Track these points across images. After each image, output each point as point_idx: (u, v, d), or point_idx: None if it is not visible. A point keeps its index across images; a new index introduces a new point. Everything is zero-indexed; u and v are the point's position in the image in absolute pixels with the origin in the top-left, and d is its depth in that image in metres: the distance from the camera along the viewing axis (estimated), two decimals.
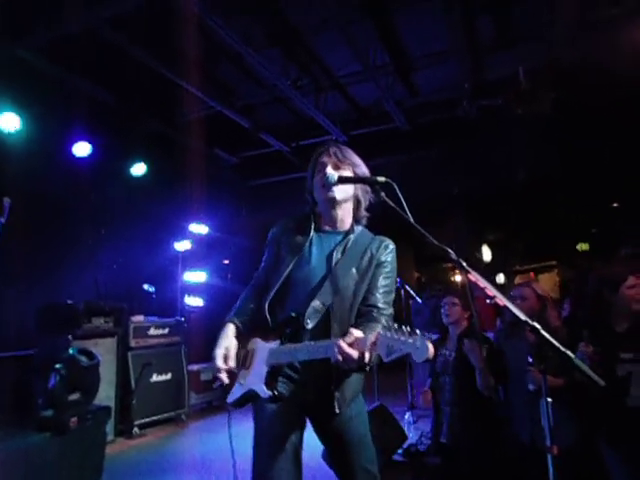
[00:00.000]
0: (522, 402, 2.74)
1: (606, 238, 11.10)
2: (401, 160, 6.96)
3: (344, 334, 1.69)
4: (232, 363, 1.81)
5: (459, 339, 3.26)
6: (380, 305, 1.83)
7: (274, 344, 1.77)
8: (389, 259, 1.92)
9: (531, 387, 2.48)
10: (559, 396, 2.20)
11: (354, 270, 1.84)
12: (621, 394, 2.38)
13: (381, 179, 1.76)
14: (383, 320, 1.78)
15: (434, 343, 3.41)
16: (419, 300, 6.27)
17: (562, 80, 5.37)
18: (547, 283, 12.12)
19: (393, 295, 1.91)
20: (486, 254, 11.21)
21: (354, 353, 1.51)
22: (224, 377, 1.80)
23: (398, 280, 5.56)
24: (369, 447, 1.88)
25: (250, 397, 1.79)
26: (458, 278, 14.23)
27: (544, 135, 6.24)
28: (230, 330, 1.87)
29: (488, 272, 11.28)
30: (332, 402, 1.76)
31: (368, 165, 2.01)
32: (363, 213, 2.00)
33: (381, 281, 1.87)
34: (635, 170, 7.20)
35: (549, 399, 1.59)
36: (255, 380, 1.76)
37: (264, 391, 1.71)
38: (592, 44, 4.87)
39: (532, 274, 12.71)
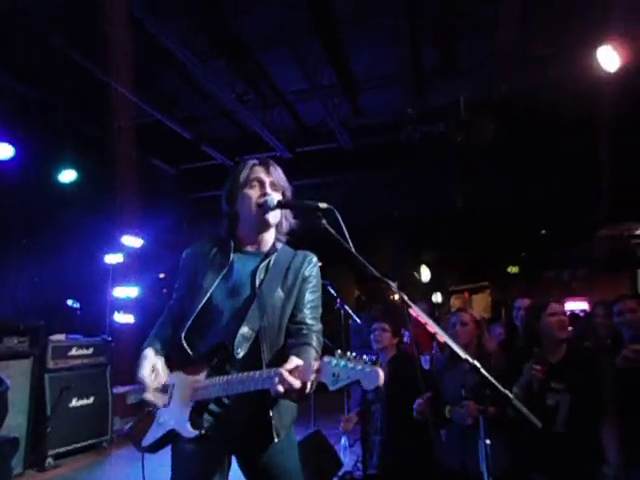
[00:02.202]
0: (455, 430, 2.74)
1: (534, 262, 11.79)
2: (344, 180, 7.00)
3: (275, 358, 1.62)
4: (162, 380, 1.66)
5: (389, 364, 3.27)
6: (308, 321, 1.76)
7: (199, 377, 1.63)
8: (313, 273, 1.86)
9: (469, 421, 2.49)
10: (491, 424, 2.21)
11: (279, 289, 1.76)
12: (549, 423, 2.43)
13: (323, 205, 1.68)
14: (314, 337, 1.71)
15: None
16: (358, 320, 6.26)
17: (500, 110, 5.62)
18: (480, 303, 12.63)
19: (320, 310, 1.85)
20: (424, 274, 11.50)
21: (296, 383, 1.41)
22: (153, 398, 1.64)
23: (339, 302, 5.55)
24: (298, 478, 1.79)
25: (170, 438, 1.64)
26: (397, 297, 14.51)
27: (482, 163, 6.50)
28: (150, 353, 1.71)
29: (426, 291, 11.60)
30: (269, 430, 1.65)
31: (312, 183, 1.95)
32: (283, 236, 1.93)
33: (307, 296, 1.80)
34: (561, 200, 7.69)
35: (488, 441, 1.55)
36: (177, 419, 1.61)
37: (189, 431, 1.57)
38: (528, 77, 5.16)
39: (467, 294, 13.18)
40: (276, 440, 1.65)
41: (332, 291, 5.39)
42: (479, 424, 1.70)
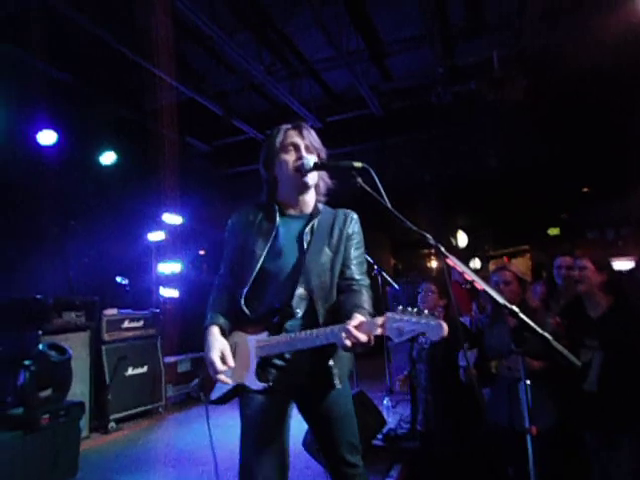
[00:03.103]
0: (501, 386, 2.76)
1: (576, 222, 11.42)
2: (375, 147, 6.95)
3: (329, 314, 1.73)
4: (231, 363, 1.74)
5: None
6: (357, 277, 1.85)
7: (261, 336, 1.74)
8: (356, 229, 1.93)
9: (510, 372, 2.53)
10: (538, 379, 2.24)
11: (327, 248, 1.83)
12: (581, 379, 2.44)
13: (358, 164, 1.73)
14: (364, 291, 1.81)
15: None
16: (396, 286, 6.30)
17: (533, 67, 5.42)
18: (521, 267, 12.36)
19: (366, 265, 1.94)
20: (461, 239, 11.36)
21: (363, 337, 1.52)
22: (226, 379, 1.74)
23: (376, 268, 5.59)
24: (353, 422, 1.91)
25: (237, 392, 1.76)
26: (434, 264, 14.42)
27: (516, 122, 6.32)
28: (216, 332, 1.80)
29: (463, 257, 11.46)
30: (331, 379, 1.77)
31: (343, 152, 1.99)
32: (322, 197, 1.99)
33: (353, 253, 1.88)
34: (604, 156, 7.38)
35: (528, 382, 1.60)
36: (243, 374, 1.73)
37: (257, 384, 1.70)
38: (560, 33, 4.94)
39: (506, 258, 12.97)
40: (338, 387, 1.78)
41: (368, 258, 5.43)
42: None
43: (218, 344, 1.76)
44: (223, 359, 1.74)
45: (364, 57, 5.39)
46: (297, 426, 1.91)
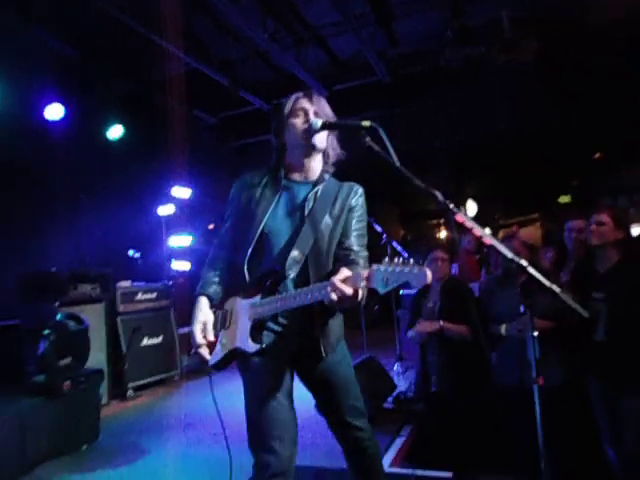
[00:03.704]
0: (511, 348, 2.79)
1: (587, 189, 11.25)
2: (383, 114, 6.86)
3: (322, 280, 1.69)
4: (211, 337, 1.79)
5: (442, 290, 3.31)
6: (355, 248, 1.85)
7: (255, 299, 1.76)
8: (360, 203, 1.93)
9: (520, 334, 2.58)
10: (546, 338, 2.27)
11: (327, 217, 1.84)
12: (590, 331, 2.47)
13: (366, 123, 1.72)
14: (361, 262, 1.79)
15: (416, 295, 3.44)
16: (406, 255, 6.32)
17: (545, 29, 5.27)
18: (530, 236, 12.30)
19: (366, 238, 1.93)
20: (470, 208, 11.28)
21: (348, 290, 1.52)
22: (205, 352, 1.79)
23: (384, 237, 5.60)
24: (355, 386, 1.93)
25: (233, 356, 1.78)
26: (443, 234, 14.38)
27: (527, 86, 6.18)
28: (203, 303, 1.83)
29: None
30: (318, 347, 1.79)
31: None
32: (330, 167, 1.98)
33: (354, 225, 1.89)
34: (616, 121, 7.22)
35: (535, 333, 1.62)
36: (239, 337, 1.76)
37: (251, 346, 1.71)
38: None
39: (516, 227, 12.88)
40: (324, 355, 1.80)
41: (377, 227, 5.43)
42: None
43: (201, 316, 1.80)
44: (204, 331, 1.78)
45: (370, 21, 5.27)
46: (306, 393, 1.95)
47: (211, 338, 1.78)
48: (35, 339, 3.74)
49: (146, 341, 5.49)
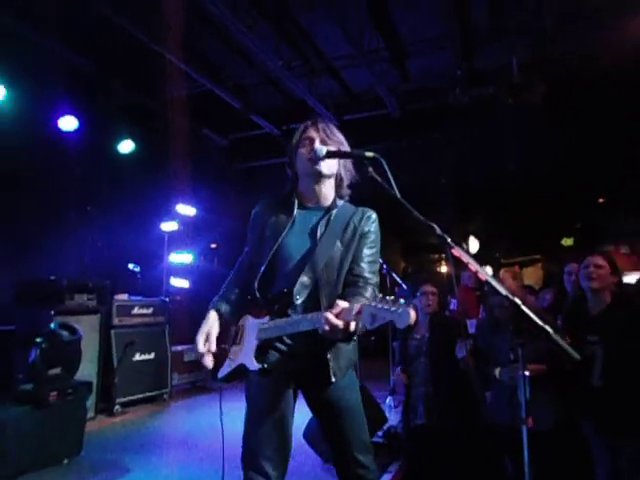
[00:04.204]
0: (504, 391, 2.77)
1: (590, 233, 11.27)
2: (391, 147, 6.96)
3: (331, 304, 1.71)
4: (213, 348, 1.82)
5: (431, 322, 3.31)
6: (366, 275, 1.85)
7: (264, 319, 1.80)
8: (372, 229, 1.93)
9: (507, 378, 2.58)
10: (538, 381, 2.25)
11: (338, 242, 1.86)
12: (587, 375, 2.44)
13: (369, 154, 1.76)
14: (369, 289, 1.80)
15: (401, 330, 3.43)
16: (404, 287, 6.31)
17: (553, 72, 5.40)
18: (532, 276, 12.27)
19: (378, 265, 1.94)
20: (472, 245, 11.30)
21: (340, 323, 1.54)
22: (207, 361, 1.83)
23: (385, 267, 5.60)
24: (361, 416, 1.89)
25: (239, 371, 1.81)
26: (444, 269, 14.37)
27: (534, 128, 6.28)
28: (212, 317, 1.89)
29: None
30: (327, 371, 1.78)
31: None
32: (345, 190, 2.01)
33: (365, 251, 1.89)
34: (621, 166, 7.30)
35: (527, 372, 1.61)
36: (245, 354, 1.80)
37: (253, 364, 1.74)
38: (579, 38, 4.91)
39: (517, 267, 12.85)
40: (333, 380, 1.78)
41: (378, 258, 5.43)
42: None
43: (206, 327, 1.85)
44: (207, 341, 1.82)
45: (384, 57, 5.40)
46: (298, 419, 1.93)
47: (213, 349, 1.82)
48: (27, 346, 3.72)
49: (138, 356, 5.44)
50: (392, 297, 1.45)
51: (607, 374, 2.38)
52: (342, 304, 1.58)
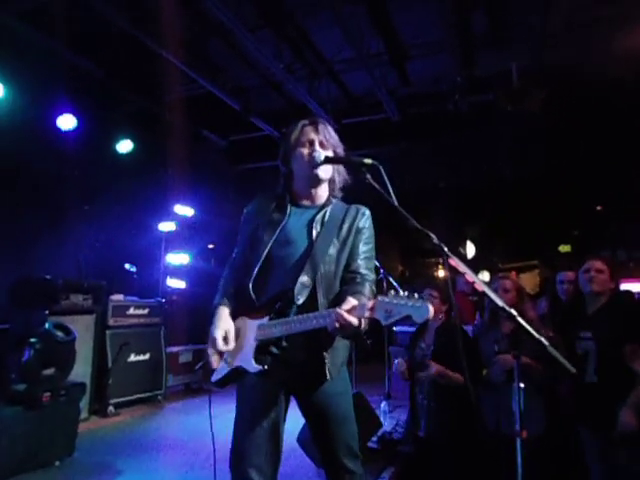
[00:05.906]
0: (489, 391, 2.77)
1: (588, 240, 11.28)
2: (390, 151, 6.96)
3: (330, 304, 1.74)
4: (232, 345, 1.79)
5: (437, 332, 3.26)
6: (362, 271, 1.86)
7: (262, 320, 1.77)
8: (367, 225, 1.96)
9: (501, 377, 2.56)
10: (529, 386, 2.24)
11: (335, 240, 1.86)
12: (580, 371, 2.45)
13: (368, 161, 1.76)
14: (367, 285, 1.80)
15: (412, 335, 3.40)
16: (401, 291, 6.28)
17: (552, 80, 5.41)
18: (528, 282, 12.23)
19: (373, 261, 1.95)
20: (469, 250, 11.29)
21: (353, 320, 1.54)
22: (214, 360, 1.79)
23: (382, 271, 5.58)
24: (353, 424, 1.89)
25: (235, 375, 1.79)
26: (442, 273, 14.35)
27: (532, 134, 6.29)
28: (225, 313, 1.86)
29: (470, 268, 11.35)
30: (323, 368, 1.77)
31: (358, 154, 2.00)
32: (338, 192, 2.03)
33: (361, 247, 1.90)
34: (619, 173, 7.30)
35: (522, 385, 1.60)
36: (242, 356, 1.77)
37: (254, 366, 1.72)
38: (581, 45, 4.92)
39: (514, 273, 12.83)
40: (329, 378, 1.77)
41: (375, 262, 5.42)
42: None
43: (224, 324, 1.82)
44: (226, 339, 1.78)
45: (384, 60, 5.40)
46: (292, 424, 1.92)
47: (231, 346, 1.79)
48: (21, 346, 3.69)
49: (133, 357, 5.42)
50: (407, 292, 1.47)
51: (601, 370, 2.40)
52: (353, 301, 1.59)
